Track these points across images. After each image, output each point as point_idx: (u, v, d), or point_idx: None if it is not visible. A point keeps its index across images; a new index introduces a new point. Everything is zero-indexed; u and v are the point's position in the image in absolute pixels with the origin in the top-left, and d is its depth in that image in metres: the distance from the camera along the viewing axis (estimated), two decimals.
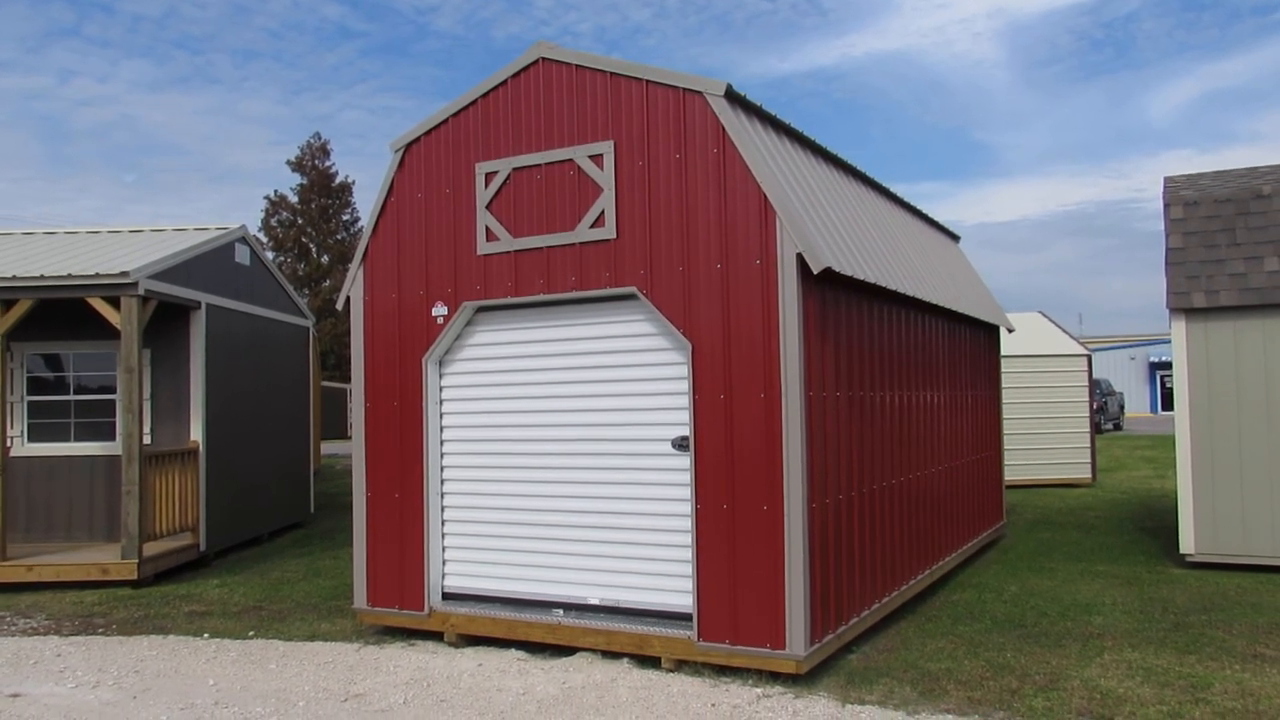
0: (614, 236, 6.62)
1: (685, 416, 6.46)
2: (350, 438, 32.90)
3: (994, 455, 11.20)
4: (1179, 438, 9.27)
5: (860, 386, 7.03)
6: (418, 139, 7.47)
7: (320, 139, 49.89)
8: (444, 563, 7.41)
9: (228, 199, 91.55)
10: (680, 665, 6.31)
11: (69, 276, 9.41)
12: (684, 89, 6.40)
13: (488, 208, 7.13)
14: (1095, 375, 27.97)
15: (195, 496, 10.60)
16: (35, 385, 11.27)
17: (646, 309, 6.63)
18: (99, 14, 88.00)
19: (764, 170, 6.11)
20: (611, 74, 6.68)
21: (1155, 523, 12.33)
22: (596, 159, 6.70)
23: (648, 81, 6.53)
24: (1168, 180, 10.43)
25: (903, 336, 8.03)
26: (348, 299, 7.85)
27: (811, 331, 6.21)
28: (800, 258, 6.00)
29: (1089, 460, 16.80)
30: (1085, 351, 17.11)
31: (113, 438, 11.07)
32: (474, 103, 7.25)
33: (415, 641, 7.25)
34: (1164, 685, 5.85)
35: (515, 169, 7.04)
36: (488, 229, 7.12)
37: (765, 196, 6.09)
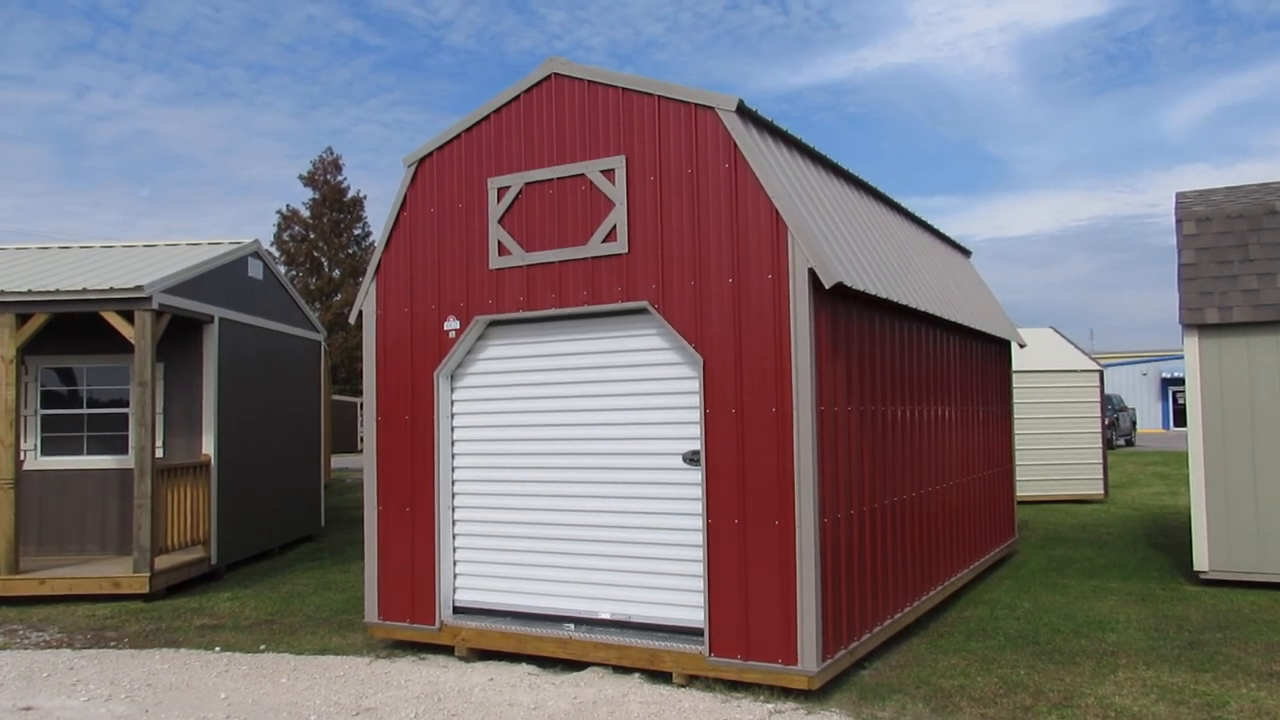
0: (626, 251, 6.64)
1: (696, 431, 6.47)
2: (361, 451, 32.98)
3: (1005, 471, 11.16)
4: (1192, 454, 9.22)
5: (872, 401, 7.03)
6: (430, 154, 7.51)
7: (332, 153, 50.11)
8: (455, 576, 7.41)
9: (241, 213, 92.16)
10: (692, 680, 6.29)
11: (84, 290, 9.48)
12: (696, 104, 6.43)
13: (500, 222, 7.16)
14: (1107, 391, 27.87)
15: (207, 510, 10.63)
16: (49, 399, 11.33)
17: (658, 323, 6.64)
18: (114, 29, 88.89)
19: (775, 185, 6.13)
20: (623, 89, 6.71)
21: (1168, 539, 12.25)
22: (608, 174, 6.73)
23: (659, 97, 6.56)
24: (1179, 196, 10.42)
25: (914, 351, 8.03)
26: (360, 313, 7.88)
27: (823, 346, 6.22)
28: (812, 272, 6.01)
29: (1101, 476, 16.72)
30: (1097, 367, 17.05)
31: (125, 451, 11.12)
32: (486, 118, 7.30)
33: (426, 656, 7.24)
34: (1179, 704, 5.80)
35: (527, 184, 7.07)
36: (500, 243, 7.15)
37: (776, 211, 6.10)
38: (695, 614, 6.39)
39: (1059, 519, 14.53)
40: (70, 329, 10.95)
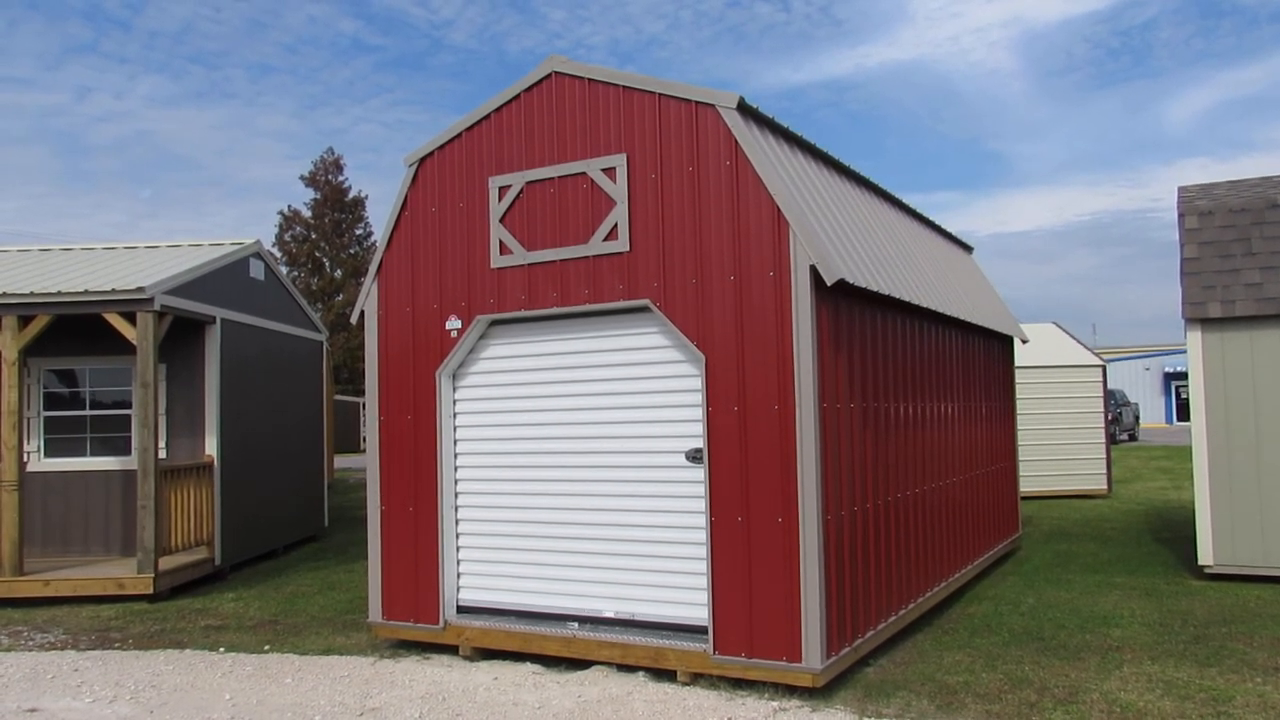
0: (627, 249, 6.63)
1: (699, 429, 6.46)
2: (363, 451, 33.01)
3: (1009, 466, 11.15)
4: (1196, 448, 9.21)
5: (874, 398, 7.02)
6: (431, 153, 7.51)
7: (333, 154, 50.17)
8: (459, 576, 7.41)
9: (243, 213, 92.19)
10: (696, 678, 6.29)
11: (86, 292, 9.48)
12: (696, 102, 6.42)
13: (501, 221, 7.15)
14: (1110, 386, 27.84)
15: (210, 510, 10.64)
16: (52, 401, 11.34)
17: (660, 321, 6.63)
18: (116, 30, 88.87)
19: (776, 182, 6.12)
20: (624, 87, 6.71)
21: (1172, 534, 12.24)
22: (609, 172, 6.72)
23: (660, 94, 6.55)
24: (1182, 190, 10.40)
25: (916, 347, 8.02)
26: (361, 313, 7.88)
27: (825, 343, 6.21)
28: (814, 269, 6.00)
29: (1104, 471, 16.70)
30: (1100, 362, 17.03)
31: (128, 453, 11.13)
32: (487, 117, 7.29)
33: (430, 655, 7.24)
34: (1185, 698, 5.80)
35: (528, 182, 7.07)
36: (501, 242, 7.14)
37: (778, 208, 6.09)
38: (699, 612, 6.39)
39: (1063, 514, 14.52)
40: (72, 331, 10.95)
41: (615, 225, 6.68)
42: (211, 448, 10.83)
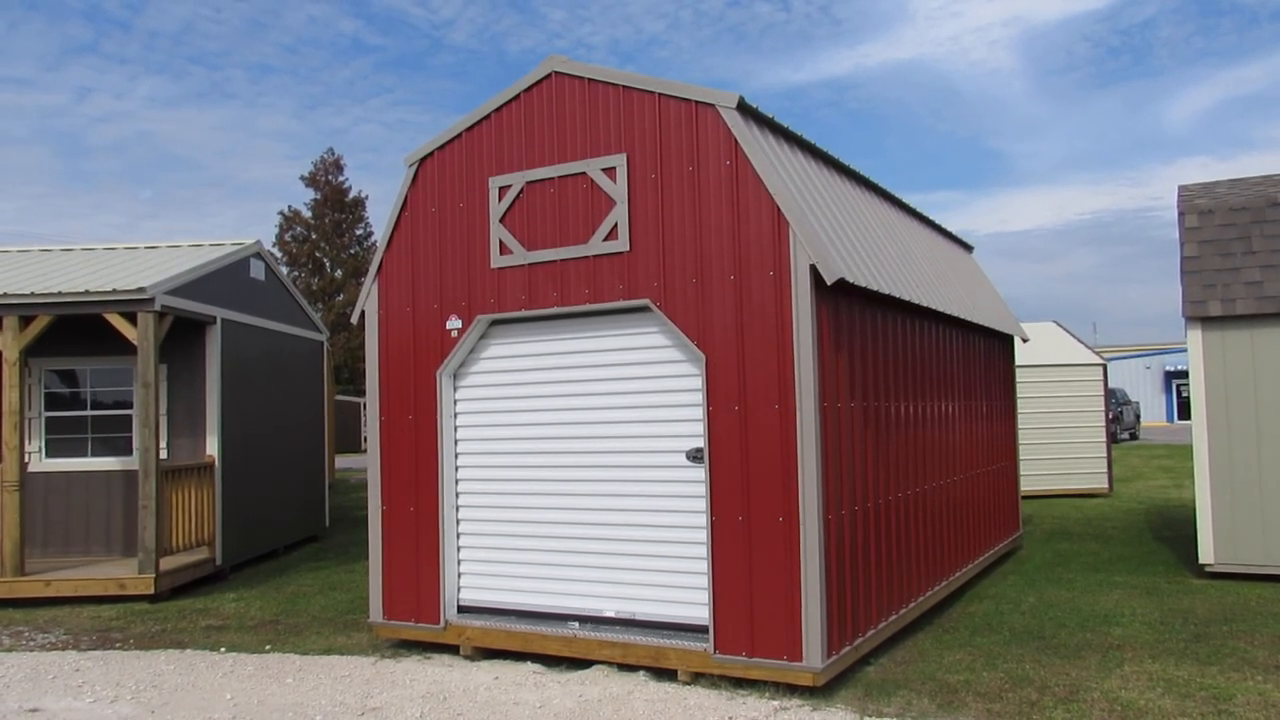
0: (628, 249, 6.63)
1: (700, 429, 6.46)
2: (364, 451, 33.04)
3: (1009, 465, 11.15)
4: (1196, 447, 9.20)
5: (875, 397, 7.02)
6: (431, 154, 7.51)
7: (334, 154, 50.18)
8: (459, 576, 7.41)
9: (243, 214, 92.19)
10: (697, 678, 6.29)
11: (86, 293, 9.49)
12: (696, 101, 6.42)
13: (501, 221, 7.16)
14: (1111, 385, 27.82)
15: (211, 511, 10.65)
16: (53, 401, 11.35)
17: (660, 321, 6.63)
18: (116, 31, 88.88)
19: (776, 182, 6.12)
20: (624, 87, 6.71)
21: (1174, 533, 12.24)
22: (609, 172, 6.72)
23: (660, 94, 6.55)
24: (1182, 189, 10.40)
25: (917, 347, 8.02)
26: (362, 313, 7.89)
27: (825, 342, 6.21)
28: (814, 269, 6.00)
29: (1105, 470, 16.70)
30: (1100, 361, 17.02)
31: (129, 453, 11.13)
32: (487, 117, 7.29)
33: (431, 655, 7.25)
34: (1185, 697, 5.80)
35: (528, 182, 7.07)
36: (501, 242, 7.15)
37: (778, 208, 6.09)
38: (700, 611, 6.39)
39: (1063, 513, 14.52)
40: (73, 331, 10.96)
41: (615, 225, 6.68)
42: (212, 448, 10.83)
